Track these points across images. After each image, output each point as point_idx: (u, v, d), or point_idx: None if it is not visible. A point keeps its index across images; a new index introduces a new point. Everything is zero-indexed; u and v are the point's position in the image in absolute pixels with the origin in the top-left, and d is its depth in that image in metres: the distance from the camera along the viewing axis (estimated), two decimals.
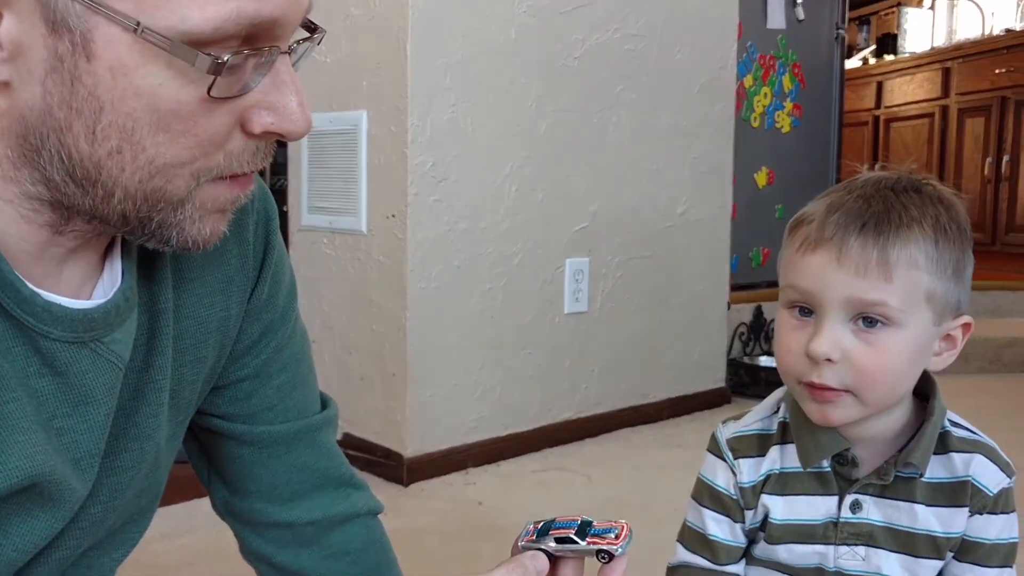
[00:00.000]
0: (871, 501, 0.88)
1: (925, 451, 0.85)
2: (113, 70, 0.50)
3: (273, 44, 0.53)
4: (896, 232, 0.79)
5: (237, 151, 0.56)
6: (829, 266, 0.80)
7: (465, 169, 2.20)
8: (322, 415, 0.85)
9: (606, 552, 0.67)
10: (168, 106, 0.51)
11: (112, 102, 0.51)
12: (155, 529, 1.84)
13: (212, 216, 0.58)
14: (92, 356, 0.60)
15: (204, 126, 0.53)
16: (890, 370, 0.81)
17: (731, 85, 2.88)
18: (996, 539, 0.88)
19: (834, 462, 0.88)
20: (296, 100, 0.55)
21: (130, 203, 0.54)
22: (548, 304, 2.42)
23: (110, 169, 0.52)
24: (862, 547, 0.89)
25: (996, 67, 4.79)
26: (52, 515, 0.62)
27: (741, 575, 0.96)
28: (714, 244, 2.88)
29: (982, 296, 3.85)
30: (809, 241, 0.81)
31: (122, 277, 0.62)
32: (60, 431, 0.60)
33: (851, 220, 0.80)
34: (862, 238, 0.79)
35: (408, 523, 1.91)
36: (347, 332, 2.31)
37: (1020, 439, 2.51)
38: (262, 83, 0.54)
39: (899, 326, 0.80)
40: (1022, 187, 4.66)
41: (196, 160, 0.54)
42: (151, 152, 0.52)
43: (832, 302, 0.80)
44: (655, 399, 2.73)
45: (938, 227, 0.80)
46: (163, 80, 0.50)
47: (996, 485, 0.87)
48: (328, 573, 0.85)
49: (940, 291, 0.81)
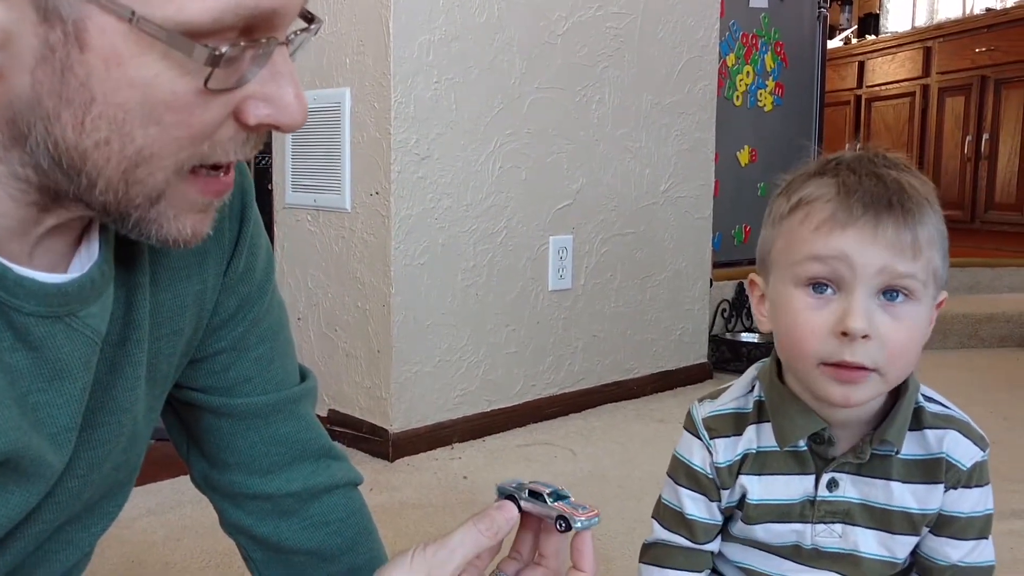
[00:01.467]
0: (848, 479, 0.88)
1: (900, 428, 0.86)
2: (107, 61, 0.48)
3: (271, 35, 0.52)
4: (920, 210, 0.80)
5: (225, 140, 0.55)
6: (864, 241, 0.79)
7: (448, 146, 2.20)
8: (301, 387, 0.85)
9: (564, 519, 0.67)
10: (162, 98, 0.50)
11: (104, 93, 0.49)
12: (141, 505, 1.87)
13: (193, 215, 0.57)
14: (67, 331, 0.60)
15: (198, 118, 0.52)
16: (914, 345, 0.82)
17: (714, 63, 2.89)
18: (971, 512, 0.89)
19: (810, 441, 0.88)
20: (293, 92, 0.54)
21: (111, 194, 0.53)
22: (532, 281, 2.43)
23: (95, 160, 0.52)
24: (839, 524, 0.89)
25: (976, 46, 4.81)
26: (27, 490, 0.62)
27: (716, 552, 0.96)
28: (697, 221, 2.89)
29: (960, 272, 3.89)
30: (836, 221, 0.80)
31: (99, 252, 0.62)
32: (35, 406, 0.60)
33: (878, 200, 0.80)
34: (893, 217, 0.79)
35: (394, 497, 1.92)
36: (332, 309, 2.31)
37: (997, 412, 2.56)
38: (259, 74, 0.53)
39: (918, 300, 0.81)
40: (1001, 165, 4.70)
41: (183, 150, 0.53)
42: (140, 143, 0.51)
43: (865, 275, 0.79)
44: (638, 375, 2.76)
45: (936, 207, 0.82)
46: (158, 71, 0.49)
47: (970, 459, 0.87)
48: (309, 544, 0.85)
49: (941, 268, 0.83)
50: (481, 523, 0.66)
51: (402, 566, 0.65)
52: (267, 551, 0.86)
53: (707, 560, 0.96)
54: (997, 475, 1.04)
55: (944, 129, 5.02)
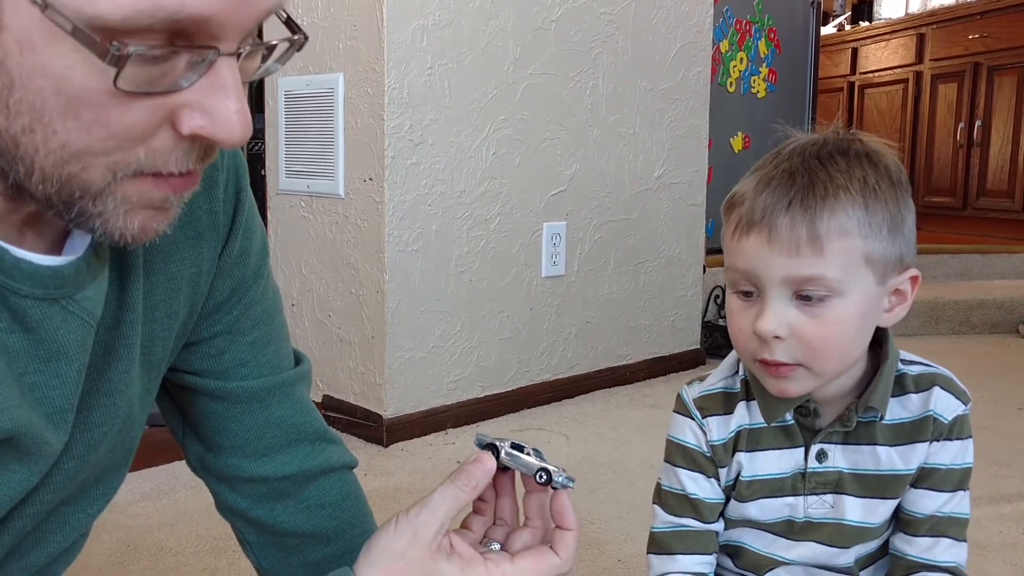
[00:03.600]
0: (837, 449, 0.90)
1: (883, 394, 0.87)
2: (20, 44, 0.47)
3: (211, 44, 0.50)
4: (822, 203, 0.79)
5: (163, 149, 0.52)
6: (763, 248, 0.80)
7: (442, 132, 2.20)
8: (295, 370, 0.85)
9: (546, 471, 0.70)
10: (76, 92, 0.48)
11: (21, 77, 0.47)
12: (136, 490, 1.87)
13: (142, 212, 0.55)
14: (63, 313, 0.60)
15: (117, 118, 0.50)
16: (838, 339, 0.82)
17: (707, 50, 2.88)
18: (950, 464, 0.90)
19: (796, 414, 0.90)
20: (234, 107, 0.51)
21: (49, 185, 0.52)
22: (525, 267, 2.44)
23: (26, 147, 0.50)
24: (830, 495, 0.91)
25: (969, 33, 4.82)
26: (29, 468, 0.63)
27: (721, 531, 0.97)
28: (690, 208, 2.90)
29: (952, 259, 3.89)
30: (742, 224, 0.82)
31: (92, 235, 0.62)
32: (32, 386, 0.60)
33: (778, 199, 0.80)
34: (789, 216, 0.79)
35: (388, 482, 1.93)
36: (326, 295, 2.31)
37: (988, 398, 2.57)
38: (198, 83, 0.50)
39: (841, 295, 0.80)
40: (993, 152, 4.71)
41: (111, 152, 0.51)
42: (62, 137, 0.50)
43: (771, 282, 0.81)
44: (631, 361, 2.77)
45: (866, 189, 0.80)
46: (71, 63, 0.47)
47: (951, 412, 0.89)
48: (304, 526, 0.86)
49: (878, 251, 0.81)
50: (459, 479, 0.69)
51: (388, 532, 0.67)
52: (263, 533, 0.87)
53: (715, 541, 0.97)
54: (988, 460, 1.07)
55: (937, 116, 5.03)
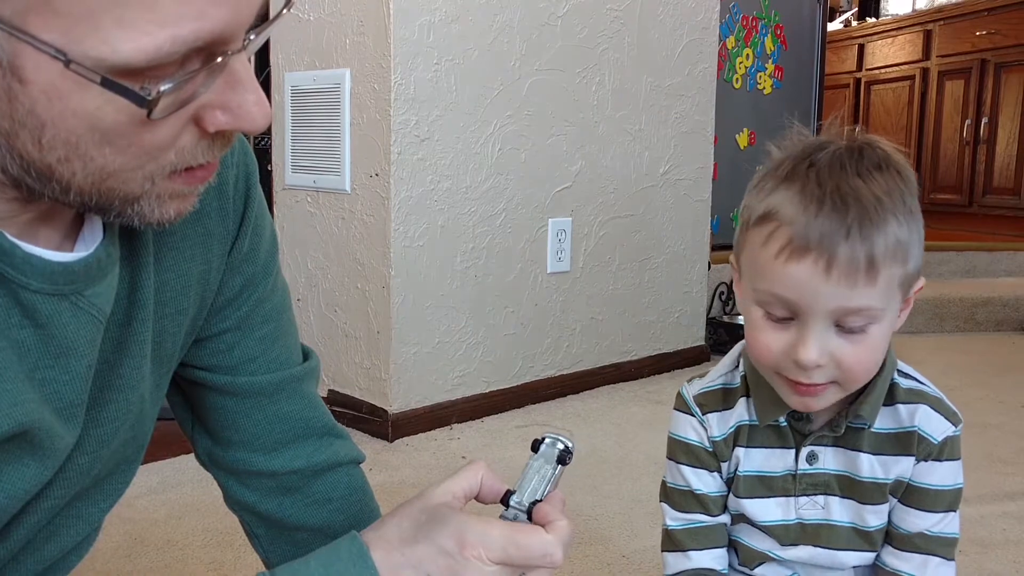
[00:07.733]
0: (828, 452, 0.91)
1: (874, 404, 0.88)
2: (47, 94, 0.48)
3: (223, 50, 0.51)
4: (879, 229, 0.76)
5: (190, 146, 0.55)
6: (816, 277, 0.76)
7: (448, 128, 2.20)
8: (304, 366, 0.86)
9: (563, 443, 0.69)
10: (108, 126, 0.50)
11: (52, 120, 0.49)
12: (143, 484, 1.87)
13: (175, 201, 0.58)
14: (73, 309, 0.60)
15: (150, 140, 0.52)
16: (872, 360, 0.82)
17: (713, 46, 2.88)
18: (940, 485, 0.90)
19: (789, 417, 0.91)
20: (253, 98, 0.53)
21: (87, 198, 0.54)
22: (531, 263, 2.44)
23: (61, 173, 0.52)
24: (821, 496, 0.92)
25: (977, 29, 4.80)
26: (42, 463, 0.63)
27: (728, 524, 0.98)
28: (695, 204, 2.90)
29: (957, 257, 3.88)
30: (793, 248, 0.77)
31: (104, 231, 0.63)
32: (43, 382, 0.61)
33: (836, 226, 0.76)
34: (849, 244, 0.75)
35: (393, 477, 1.94)
36: (332, 290, 2.32)
37: (993, 396, 2.57)
38: (216, 84, 0.52)
39: (879, 321, 0.80)
40: (999, 149, 4.70)
41: (146, 165, 0.53)
42: (99, 162, 0.52)
43: (818, 313, 0.78)
44: (636, 357, 2.77)
45: (905, 209, 0.78)
46: (100, 104, 0.49)
47: (941, 434, 0.89)
48: (311, 520, 0.86)
49: (910, 271, 0.81)
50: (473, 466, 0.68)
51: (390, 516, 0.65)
52: (271, 527, 0.87)
53: (725, 533, 0.97)
54: (992, 458, 1.07)
55: (943, 113, 5.01)
